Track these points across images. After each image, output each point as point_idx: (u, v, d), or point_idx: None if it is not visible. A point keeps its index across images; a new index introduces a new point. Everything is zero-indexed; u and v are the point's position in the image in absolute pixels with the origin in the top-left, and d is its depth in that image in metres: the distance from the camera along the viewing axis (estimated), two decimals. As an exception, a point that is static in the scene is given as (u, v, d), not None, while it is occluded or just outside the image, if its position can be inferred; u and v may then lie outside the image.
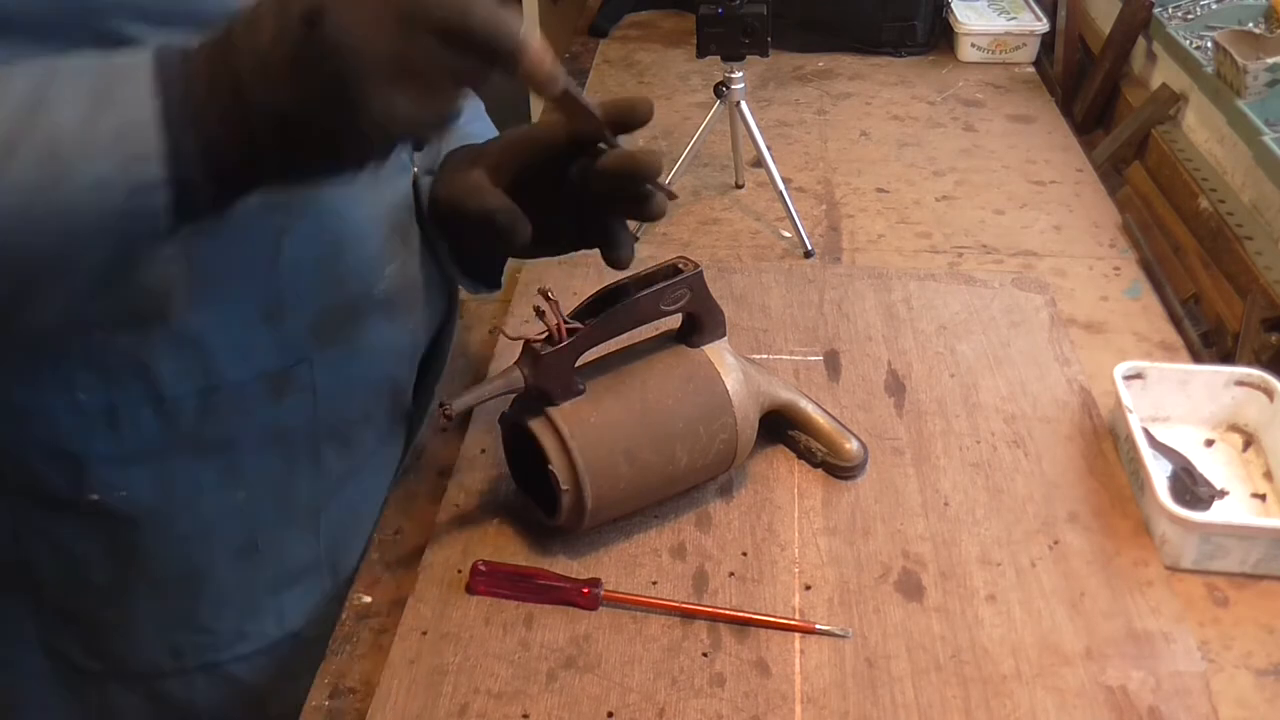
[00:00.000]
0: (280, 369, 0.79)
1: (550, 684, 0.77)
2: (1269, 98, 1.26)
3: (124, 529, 0.79)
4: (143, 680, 0.85)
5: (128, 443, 0.76)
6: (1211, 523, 0.85)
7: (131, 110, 0.57)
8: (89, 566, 0.80)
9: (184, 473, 0.78)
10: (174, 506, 0.79)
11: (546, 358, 0.81)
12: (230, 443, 0.79)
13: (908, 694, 0.76)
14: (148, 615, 0.83)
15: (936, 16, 1.87)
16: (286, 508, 0.85)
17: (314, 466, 0.85)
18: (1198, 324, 1.19)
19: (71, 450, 0.75)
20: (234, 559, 0.83)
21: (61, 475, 0.76)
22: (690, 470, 0.87)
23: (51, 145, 0.56)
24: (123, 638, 0.84)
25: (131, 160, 0.57)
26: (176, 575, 0.82)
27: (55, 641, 0.83)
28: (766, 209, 1.42)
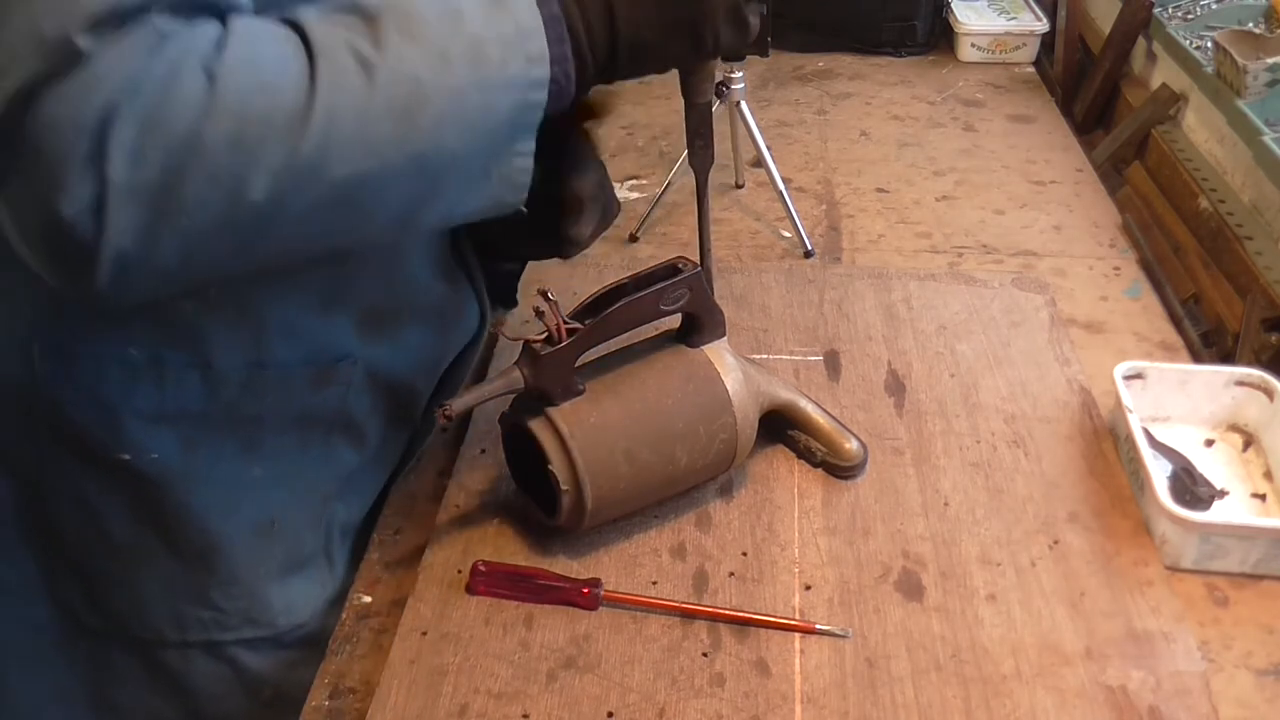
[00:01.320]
0: (327, 361, 0.82)
1: (550, 684, 0.77)
2: (1269, 98, 1.26)
3: (148, 490, 0.80)
4: (142, 647, 0.86)
5: (168, 403, 0.77)
6: (1211, 523, 0.85)
7: (521, 15, 0.67)
8: (109, 523, 0.81)
9: (209, 441, 0.80)
10: (197, 473, 0.80)
11: (546, 358, 0.81)
12: (258, 419, 0.81)
13: (908, 694, 0.76)
14: (158, 581, 0.84)
15: (936, 16, 1.88)
16: (299, 491, 0.86)
17: (325, 453, 0.86)
18: (1198, 324, 1.19)
19: (111, 402, 0.76)
20: (250, 537, 0.84)
21: (97, 427, 0.77)
22: (690, 470, 0.87)
23: (474, 49, 0.64)
24: (130, 599, 0.84)
25: (529, 61, 0.67)
26: (194, 545, 0.83)
27: (61, 593, 0.84)
28: (766, 209, 1.42)
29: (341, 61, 0.61)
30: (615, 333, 0.85)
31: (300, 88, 0.60)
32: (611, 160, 1.55)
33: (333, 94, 0.60)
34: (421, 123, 0.63)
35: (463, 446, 0.97)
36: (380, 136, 0.62)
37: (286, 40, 0.61)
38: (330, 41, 0.61)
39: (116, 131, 0.55)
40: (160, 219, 0.58)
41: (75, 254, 0.57)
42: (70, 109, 0.54)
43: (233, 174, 0.58)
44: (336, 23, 0.62)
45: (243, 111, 0.58)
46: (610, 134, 1.61)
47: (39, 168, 0.55)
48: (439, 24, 0.64)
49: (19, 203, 0.57)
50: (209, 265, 0.62)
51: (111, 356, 0.76)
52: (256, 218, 0.61)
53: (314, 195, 0.62)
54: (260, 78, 0.58)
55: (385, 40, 0.62)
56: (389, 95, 0.62)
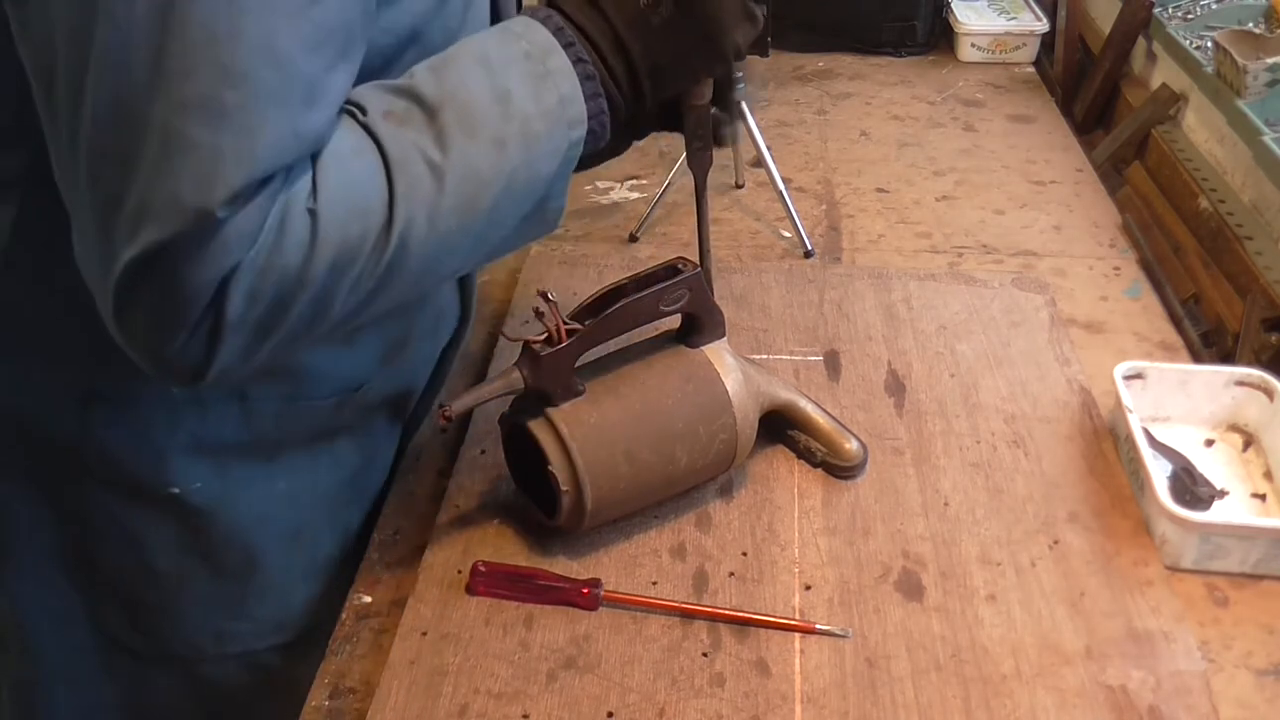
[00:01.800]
0: (353, 389, 0.87)
1: (550, 684, 0.77)
2: (1269, 98, 1.26)
3: (192, 518, 0.83)
4: (182, 663, 0.89)
5: (209, 435, 0.81)
6: (1211, 523, 0.85)
7: (563, 84, 0.70)
8: (153, 554, 0.84)
9: (241, 464, 0.83)
10: (233, 496, 0.84)
11: (546, 359, 0.81)
12: (282, 441, 0.85)
13: (908, 694, 0.76)
14: (198, 601, 0.87)
15: (936, 16, 1.87)
16: (316, 498, 0.89)
17: (333, 460, 0.89)
18: (1198, 324, 1.19)
19: (158, 440, 0.80)
20: (282, 546, 0.88)
21: (146, 465, 0.81)
22: (690, 470, 0.87)
23: (525, 130, 0.68)
24: (171, 622, 0.87)
25: (569, 125, 0.70)
26: (234, 563, 0.86)
27: (103, 619, 0.87)
28: (766, 209, 1.42)
29: (415, 171, 0.65)
30: (615, 333, 0.85)
31: (384, 204, 0.64)
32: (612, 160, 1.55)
33: (410, 204, 0.64)
34: (481, 208, 0.68)
35: (463, 446, 0.97)
36: (448, 229, 0.67)
37: (367, 156, 0.64)
38: (403, 153, 0.65)
39: (237, 281, 0.60)
40: (264, 340, 0.64)
41: (184, 372, 0.63)
42: (200, 268, 0.59)
43: (329, 291, 0.64)
44: (403, 122, 0.66)
45: (341, 239, 0.63)
46: (610, 134, 1.61)
47: (160, 311, 0.60)
48: (492, 110, 0.68)
49: (135, 330, 0.62)
50: (293, 351, 0.68)
51: (156, 397, 0.79)
52: (344, 316, 0.67)
53: (393, 287, 0.67)
54: (352, 204, 0.63)
55: (450, 141, 0.66)
56: (456, 193, 0.66)
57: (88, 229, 0.61)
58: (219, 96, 0.57)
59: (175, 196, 0.57)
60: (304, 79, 0.60)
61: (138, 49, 0.56)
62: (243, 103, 0.57)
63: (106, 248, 0.59)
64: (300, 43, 0.59)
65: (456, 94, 0.67)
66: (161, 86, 0.56)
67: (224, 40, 0.56)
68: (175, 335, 0.61)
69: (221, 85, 0.57)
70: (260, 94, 0.58)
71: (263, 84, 0.58)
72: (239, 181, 0.57)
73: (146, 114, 0.57)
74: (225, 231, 0.58)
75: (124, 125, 0.57)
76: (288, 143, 0.59)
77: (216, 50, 0.56)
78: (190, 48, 0.56)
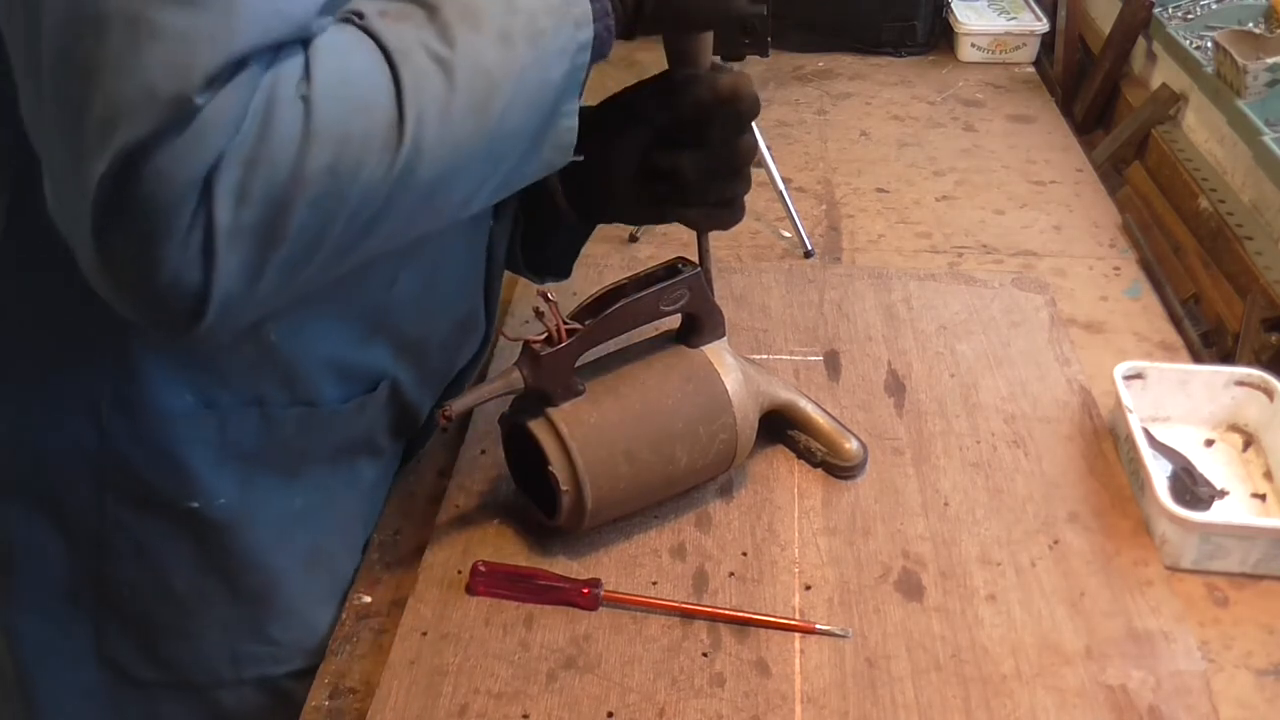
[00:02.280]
0: (369, 389, 0.84)
1: (550, 684, 0.77)
2: (1269, 98, 1.26)
3: (212, 536, 0.80)
4: (198, 691, 0.85)
5: (229, 444, 0.78)
6: (1211, 523, 0.85)
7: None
8: (172, 575, 0.80)
9: (261, 480, 0.81)
10: (253, 513, 0.81)
11: (546, 359, 0.81)
12: (302, 453, 0.82)
13: (908, 694, 0.76)
14: (217, 625, 0.83)
15: (936, 16, 1.87)
16: (334, 516, 0.87)
17: (351, 475, 0.88)
18: (1198, 324, 1.19)
19: (178, 450, 0.76)
20: (302, 568, 0.85)
21: (166, 478, 0.77)
22: (690, 470, 0.87)
23: (531, 26, 0.65)
24: (187, 647, 0.84)
25: (576, 26, 0.67)
26: (253, 584, 0.83)
27: (113, 652, 0.83)
28: (766, 209, 1.42)
29: (421, 65, 0.60)
30: (615, 333, 0.85)
31: (390, 100, 0.59)
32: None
33: (419, 101, 0.60)
34: (493, 110, 0.64)
35: (463, 446, 0.97)
36: (462, 132, 0.62)
37: (367, 50, 0.60)
38: (406, 45, 0.60)
39: (221, 177, 0.54)
40: (264, 253, 0.58)
41: (182, 302, 0.57)
42: (181, 163, 0.53)
43: (333, 197, 0.58)
44: (402, 18, 0.61)
45: (342, 134, 0.57)
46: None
47: (145, 223, 0.54)
48: (495, 3, 0.64)
49: (121, 258, 0.56)
50: (304, 284, 0.62)
51: (174, 406, 0.76)
52: (353, 234, 0.61)
53: (405, 202, 0.62)
54: (352, 98, 0.58)
55: (454, 34, 0.62)
56: (467, 90, 0.62)
57: (55, 165, 0.56)
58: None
59: (148, 88, 0.52)
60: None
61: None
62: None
63: (77, 170, 0.54)
64: None
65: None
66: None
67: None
68: (164, 254, 0.55)
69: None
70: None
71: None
72: (217, 61, 0.53)
73: (106, 6, 0.52)
74: (203, 117, 0.53)
75: (84, 26, 0.52)
76: (270, 21, 0.55)
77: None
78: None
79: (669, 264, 0.86)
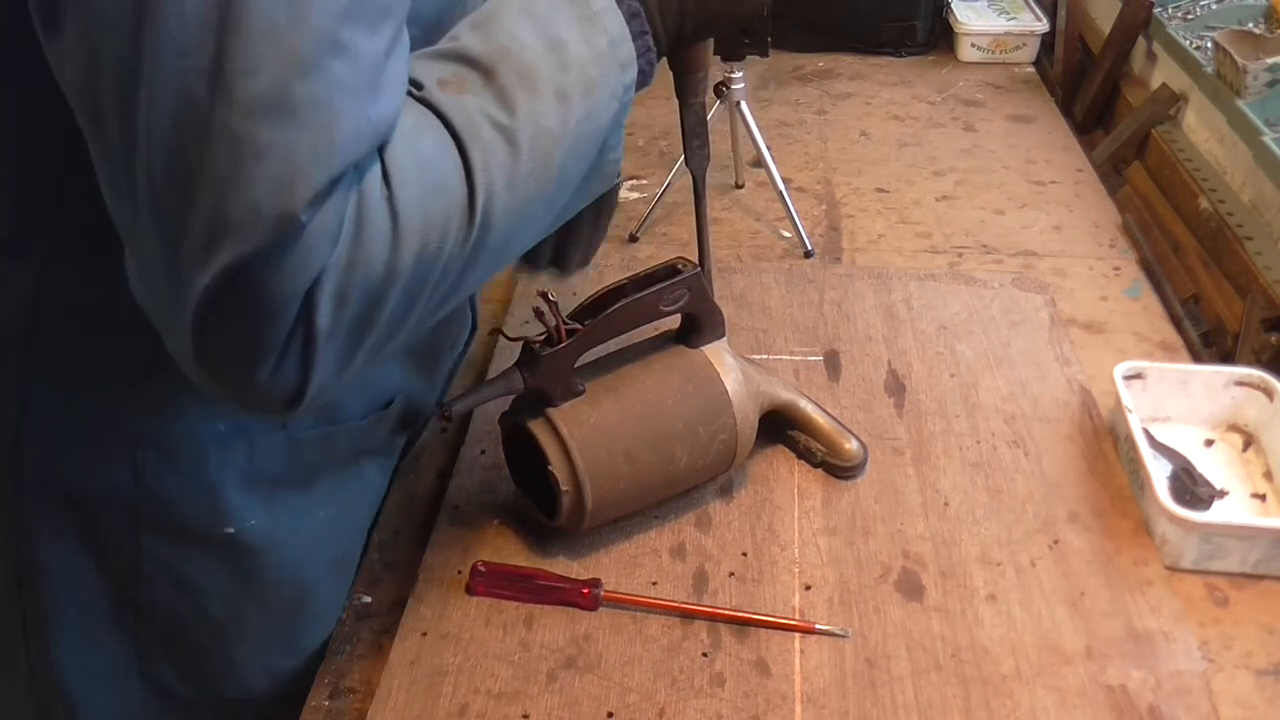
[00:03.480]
0: (384, 405, 0.86)
1: (550, 684, 0.77)
2: (1269, 98, 1.25)
3: (246, 558, 0.80)
4: (233, 706, 0.86)
5: (257, 468, 0.79)
6: (1211, 523, 0.85)
7: (611, 24, 0.67)
8: (208, 599, 0.81)
9: (286, 497, 0.81)
10: (282, 530, 0.81)
11: (546, 359, 0.81)
12: (321, 468, 0.83)
13: (908, 694, 0.76)
14: (252, 642, 0.84)
15: (936, 16, 1.87)
16: (352, 521, 0.88)
17: (361, 482, 0.89)
18: (1198, 324, 1.19)
19: (211, 479, 0.77)
20: (330, 577, 0.86)
21: (202, 508, 0.78)
22: (690, 470, 0.87)
23: (583, 78, 0.66)
24: (226, 665, 0.84)
25: (622, 67, 0.68)
26: (287, 599, 0.83)
27: (154, 669, 0.83)
28: (766, 209, 1.42)
29: (486, 138, 0.61)
30: (615, 333, 0.85)
31: (460, 179, 0.61)
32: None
33: (488, 175, 0.61)
34: (553, 167, 0.65)
35: (463, 447, 0.97)
36: (526, 194, 0.64)
37: (435, 131, 0.60)
38: (470, 119, 0.61)
39: (323, 285, 0.55)
40: (358, 344, 0.60)
41: (280, 398, 0.59)
42: (287, 278, 0.54)
43: (419, 281, 0.60)
44: (462, 88, 0.62)
45: (424, 222, 0.58)
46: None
47: (247, 331, 0.56)
48: (548, 61, 0.64)
49: (221, 359, 0.57)
50: (387, 353, 0.64)
51: (205, 435, 0.76)
52: (434, 306, 0.63)
53: (479, 267, 0.64)
54: (428, 183, 0.59)
55: (514, 100, 0.63)
56: (530, 155, 0.63)
57: (151, 263, 0.57)
58: (288, 91, 0.52)
59: (253, 206, 0.52)
60: (370, 63, 0.55)
61: (194, 55, 0.52)
62: (314, 95, 0.53)
63: (177, 278, 0.55)
64: (362, 26, 0.55)
65: (509, 49, 0.64)
66: (224, 91, 0.52)
67: (286, 31, 0.52)
68: (265, 359, 0.56)
69: (290, 79, 0.52)
70: (331, 83, 0.53)
71: (332, 73, 0.53)
72: (321, 179, 0.53)
73: (209, 123, 0.52)
74: (308, 234, 0.54)
75: (186, 140, 0.53)
76: (364, 131, 0.55)
77: (280, 43, 0.52)
78: (251, 44, 0.52)
79: (669, 264, 0.86)
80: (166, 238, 0.55)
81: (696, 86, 0.84)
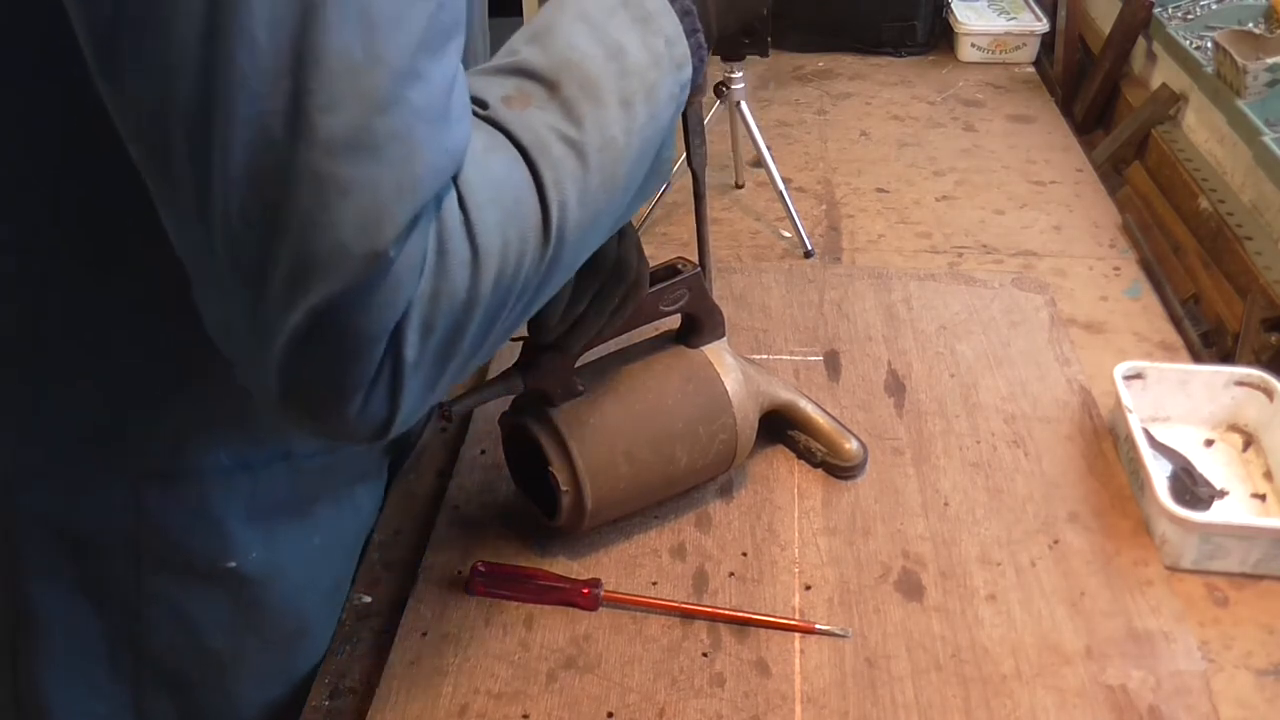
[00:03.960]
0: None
1: (550, 684, 0.77)
2: (1269, 98, 1.26)
3: (248, 591, 0.79)
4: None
5: (260, 499, 0.78)
6: (1211, 523, 0.85)
7: (666, 24, 0.66)
8: (208, 635, 0.80)
9: (284, 527, 0.80)
10: (281, 561, 0.80)
11: (546, 359, 0.81)
12: (318, 496, 0.82)
13: (908, 694, 0.76)
14: (252, 676, 0.83)
15: (936, 16, 1.87)
16: (345, 548, 0.88)
17: (353, 506, 0.88)
18: (1198, 324, 1.19)
19: (215, 513, 0.76)
20: (326, 603, 0.85)
21: (205, 542, 0.77)
22: (690, 470, 0.87)
23: (644, 83, 0.65)
24: (224, 699, 0.83)
25: (678, 68, 0.67)
26: (287, 631, 0.83)
27: (150, 709, 0.82)
28: (766, 209, 1.42)
29: (556, 154, 0.60)
30: (615, 333, 0.85)
31: (534, 197, 0.59)
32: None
33: (560, 192, 0.60)
34: (620, 175, 0.64)
35: (463, 447, 0.97)
36: (597, 205, 0.63)
37: (504, 151, 0.59)
38: (538, 136, 0.60)
39: (409, 319, 0.55)
40: (443, 369, 0.59)
41: (369, 429, 0.58)
42: (376, 315, 0.54)
43: (499, 304, 0.59)
44: (527, 103, 0.61)
45: (501, 246, 0.58)
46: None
47: (336, 368, 0.55)
48: (609, 69, 0.63)
49: (308, 397, 0.57)
50: (466, 375, 0.63)
51: (208, 468, 0.75)
52: (512, 324, 0.63)
53: (553, 280, 0.64)
54: (503, 206, 0.58)
55: (580, 112, 0.62)
56: (599, 167, 0.62)
57: (230, 306, 0.56)
58: (370, 127, 0.52)
59: (340, 246, 0.52)
60: (442, 90, 0.55)
61: (270, 98, 0.51)
62: (395, 129, 0.52)
63: (261, 321, 0.54)
64: (435, 53, 0.54)
65: (569, 59, 0.63)
66: (304, 130, 0.51)
67: (364, 67, 0.51)
68: (355, 395, 0.56)
69: (370, 114, 0.52)
70: (410, 116, 0.53)
71: (409, 104, 0.53)
72: (407, 214, 0.53)
73: (291, 164, 0.51)
74: (395, 271, 0.53)
75: (266, 182, 0.52)
76: (443, 161, 0.55)
77: (358, 79, 0.51)
78: (329, 82, 0.51)
79: (669, 264, 0.86)
80: (248, 279, 0.54)
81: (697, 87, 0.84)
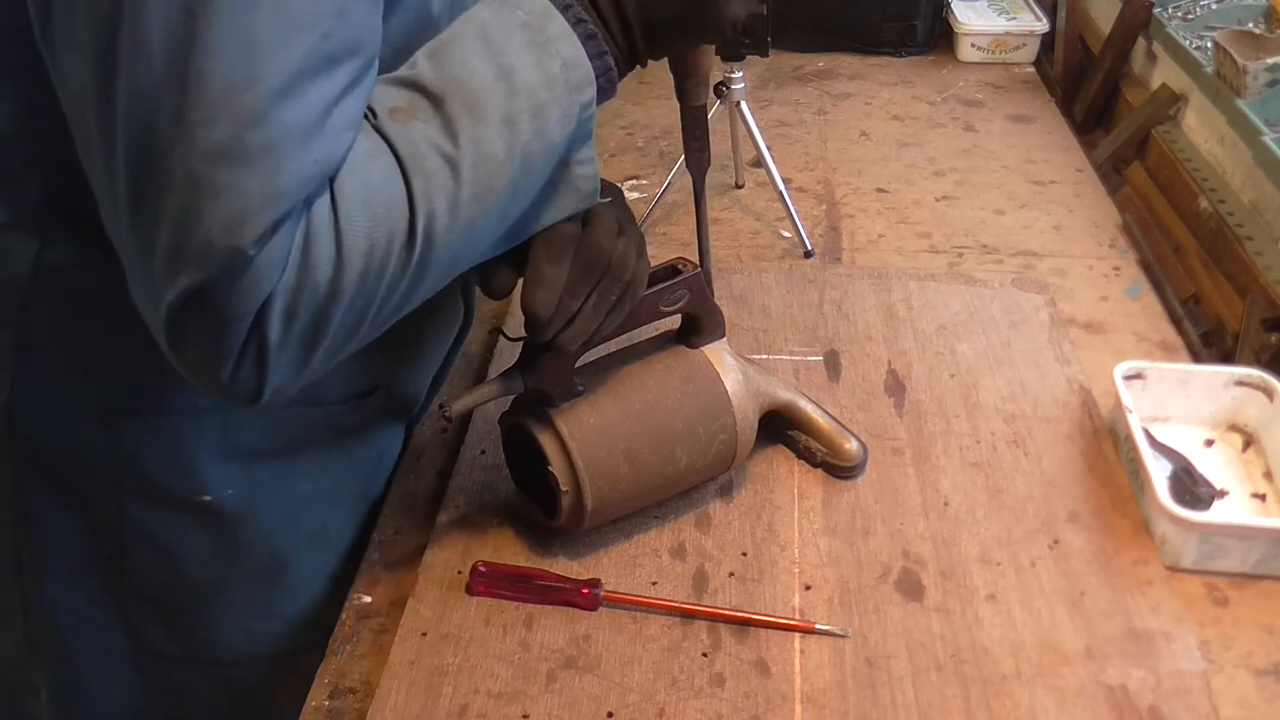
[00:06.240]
0: (366, 393, 0.89)
1: (550, 684, 0.77)
2: (1269, 98, 1.25)
3: (224, 525, 0.84)
4: (216, 665, 0.91)
5: (236, 441, 0.83)
6: (1211, 523, 0.85)
7: (564, 48, 0.69)
8: (188, 564, 0.86)
9: (268, 469, 0.85)
10: (261, 500, 0.85)
11: (546, 359, 0.81)
12: (303, 445, 0.87)
13: (908, 694, 0.76)
14: (232, 604, 0.88)
15: (936, 16, 1.87)
16: (339, 497, 0.91)
17: (347, 461, 0.91)
18: (1198, 324, 1.19)
19: (189, 450, 0.82)
20: (309, 547, 0.89)
21: (179, 476, 0.82)
22: (690, 471, 0.87)
23: (532, 102, 0.68)
24: (207, 626, 0.89)
25: (576, 89, 0.70)
26: (264, 566, 0.88)
27: (139, 626, 0.88)
28: (766, 209, 1.42)
29: (430, 167, 0.65)
30: (615, 333, 0.85)
31: (404, 205, 0.65)
32: (611, 160, 1.55)
33: (429, 201, 0.65)
34: (499, 190, 0.68)
35: (463, 447, 0.97)
36: (470, 216, 0.67)
37: (381, 160, 0.64)
38: (415, 149, 0.65)
39: (271, 306, 0.62)
40: (310, 352, 0.66)
41: (242, 395, 0.66)
42: (236, 302, 0.61)
43: (364, 298, 0.65)
44: (411, 116, 0.66)
45: (368, 247, 0.63)
46: (610, 134, 1.61)
47: (207, 342, 0.63)
48: (497, 89, 0.67)
49: (190, 362, 0.65)
50: (346, 354, 0.70)
51: (182, 407, 0.81)
52: (384, 317, 0.69)
53: (426, 281, 0.69)
54: (373, 211, 0.64)
55: (459, 128, 0.66)
56: (473, 181, 0.66)
57: (135, 269, 0.64)
58: (241, 140, 0.58)
59: (207, 240, 0.59)
60: (321, 108, 0.61)
61: (159, 105, 0.58)
62: (265, 143, 0.58)
63: (152, 288, 0.62)
64: (315, 75, 0.60)
65: (459, 78, 0.67)
66: (183, 138, 0.58)
67: (242, 87, 0.58)
68: (225, 364, 0.63)
69: (243, 129, 0.58)
70: (281, 132, 0.59)
71: (282, 122, 0.59)
72: (268, 220, 0.59)
73: (171, 164, 0.58)
74: (255, 265, 0.60)
75: (153, 176, 0.59)
76: (310, 173, 0.61)
77: (236, 98, 0.58)
78: (210, 99, 0.58)
79: (669, 264, 0.86)
80: (141, 254, 0.62)
81: (696, 90, 0.85)
